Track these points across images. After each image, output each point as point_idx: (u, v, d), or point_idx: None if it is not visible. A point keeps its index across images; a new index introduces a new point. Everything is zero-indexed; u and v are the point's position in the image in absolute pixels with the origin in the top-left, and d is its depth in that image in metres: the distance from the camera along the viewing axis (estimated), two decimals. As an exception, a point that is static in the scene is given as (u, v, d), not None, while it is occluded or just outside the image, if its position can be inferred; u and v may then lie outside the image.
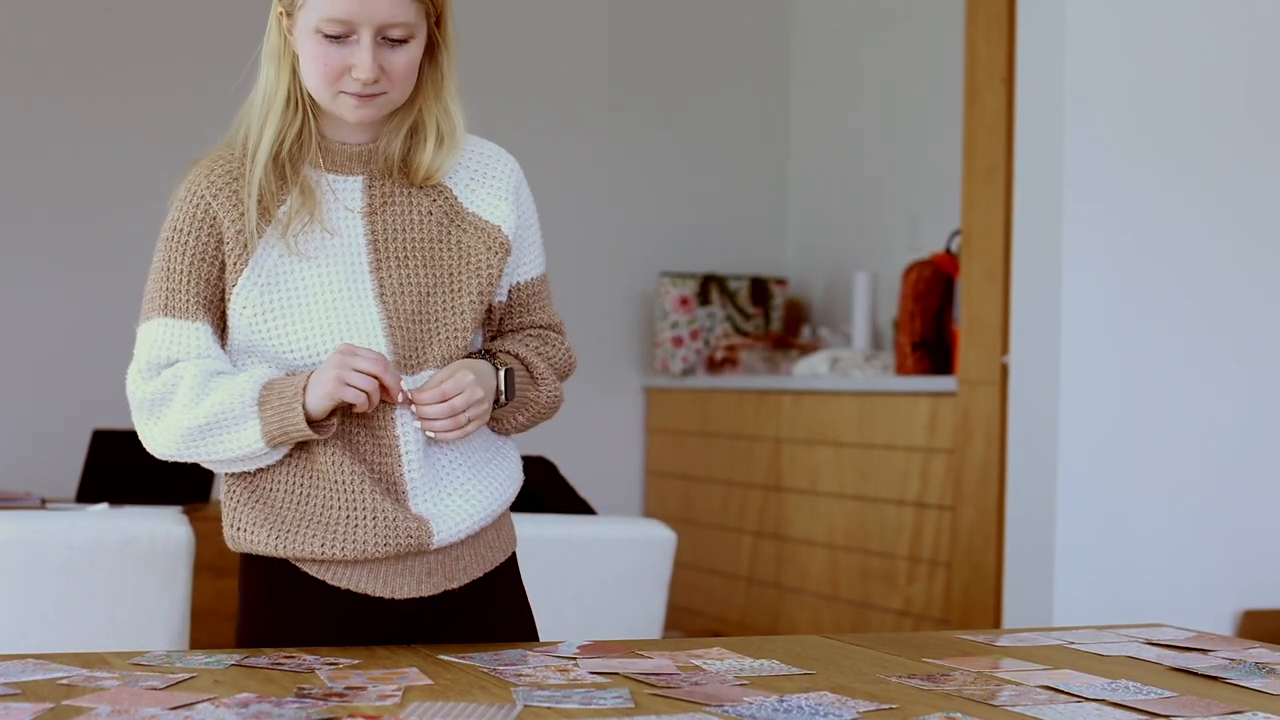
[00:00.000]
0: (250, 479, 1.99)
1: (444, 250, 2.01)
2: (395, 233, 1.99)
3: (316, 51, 1.92)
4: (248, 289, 1.96)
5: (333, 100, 1.95)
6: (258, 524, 1.98)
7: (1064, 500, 3.57)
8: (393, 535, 1.94)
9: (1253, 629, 3.64)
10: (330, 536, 1.94)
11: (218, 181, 1.98)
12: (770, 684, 1.73)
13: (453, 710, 1.55)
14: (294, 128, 1.98)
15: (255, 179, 1.96)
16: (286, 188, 1.97)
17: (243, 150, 1.99)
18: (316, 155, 1.99)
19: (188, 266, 1.98)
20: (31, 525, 2.80)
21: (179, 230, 1.99)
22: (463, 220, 2.02)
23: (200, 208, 1.98)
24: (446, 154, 2.01)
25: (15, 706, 1.52)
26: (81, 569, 2.79)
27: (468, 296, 2.00)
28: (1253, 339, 3.72)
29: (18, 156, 5.23)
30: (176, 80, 5.35)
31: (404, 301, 1.98)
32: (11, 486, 4.69)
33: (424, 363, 1.98)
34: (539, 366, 2.07)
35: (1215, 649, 2.05)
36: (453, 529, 1.99)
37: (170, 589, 2.85)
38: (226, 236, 1.96)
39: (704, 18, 6.03)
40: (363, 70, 1.90)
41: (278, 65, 1.98)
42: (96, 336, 5.27)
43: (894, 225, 5.47)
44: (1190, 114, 3.65)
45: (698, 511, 5.43)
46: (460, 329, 2.00)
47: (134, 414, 1.98)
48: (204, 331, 1.96)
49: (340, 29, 1.90)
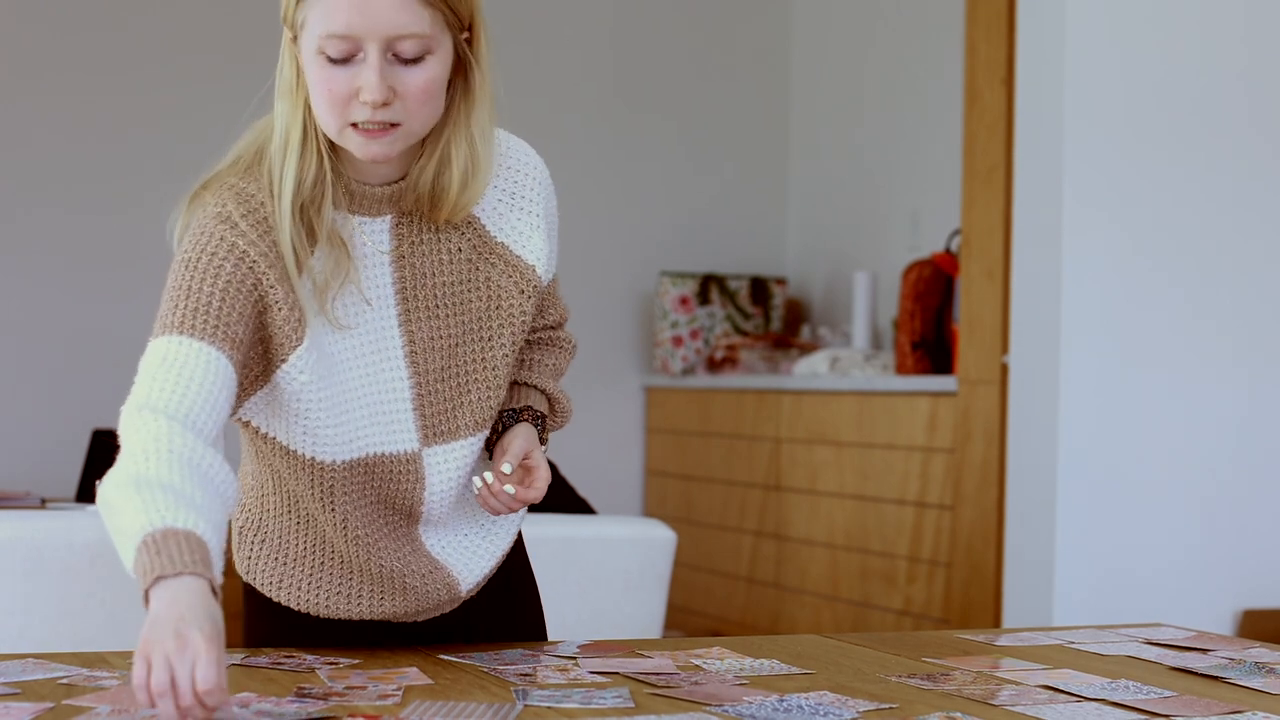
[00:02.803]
0: (258, 530, 1.90)
1: (472, 293, 1.82)
2: (424, 278, 1.80)
3: (319, 76, 1.68)
4: (305, 357, 1.73)
5: (340, 134, 1.70)
6: (273, 582, 1.89)
7: (1064, 500, 3.57)
8: (420, 601, 1.89)
9: (1253, 629, 3.64)
10: (354, 606, 1.88)
11: (255, 229, 1.71)
12: (770, 684, 1.73)
13: (453, 710, 1.55)
14: (311, 170, 1.73)
15: (286, 232, 1.71)
16: (315, 239, 1.74)
17: (269, 191, 1.74)
18: (340, 198, 1.77)
19: (220, 291, 1.68)
20: (31, 525, 2.80)
21: (211, 255, 1.70)
22: (492, 254, 1.84)
23: (236, 250, 1.71)
24: (475, 190, 1.79)
25: (15, 706, 1.52)
26: (81, 569, 2.79)
27: (500, 349, 1.83)
28: (1252, 338, 3.72)
29: (17, 156, 5.23)
30: (178, 80, 5.35)
31: (433, 358, 1.81)
32: (11, 486, 4.69)
33: (456, 431, 1.83)
34: (560, 399, 1.94)
35: (1215, 648, 2.05)
36: (477, 573, 1.93)
37: (170, 589, 2.85)
38: (274, 297, 1.71)
39: (704, 17, 6.03)
40: (369, 91, 1.65)
41: (292, 101, 1.74)
42: (96, 337, 5.27)
43: (894, 225, 5.47)
44: (1190, 114, 3.65)
45: (698, 511, 5.43)
46: (492, 387, 1.84)
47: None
48: (221, 364, 1.67)
49: (343, 47, 1.66)
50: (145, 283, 5.51)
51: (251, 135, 1.80)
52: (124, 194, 5.32)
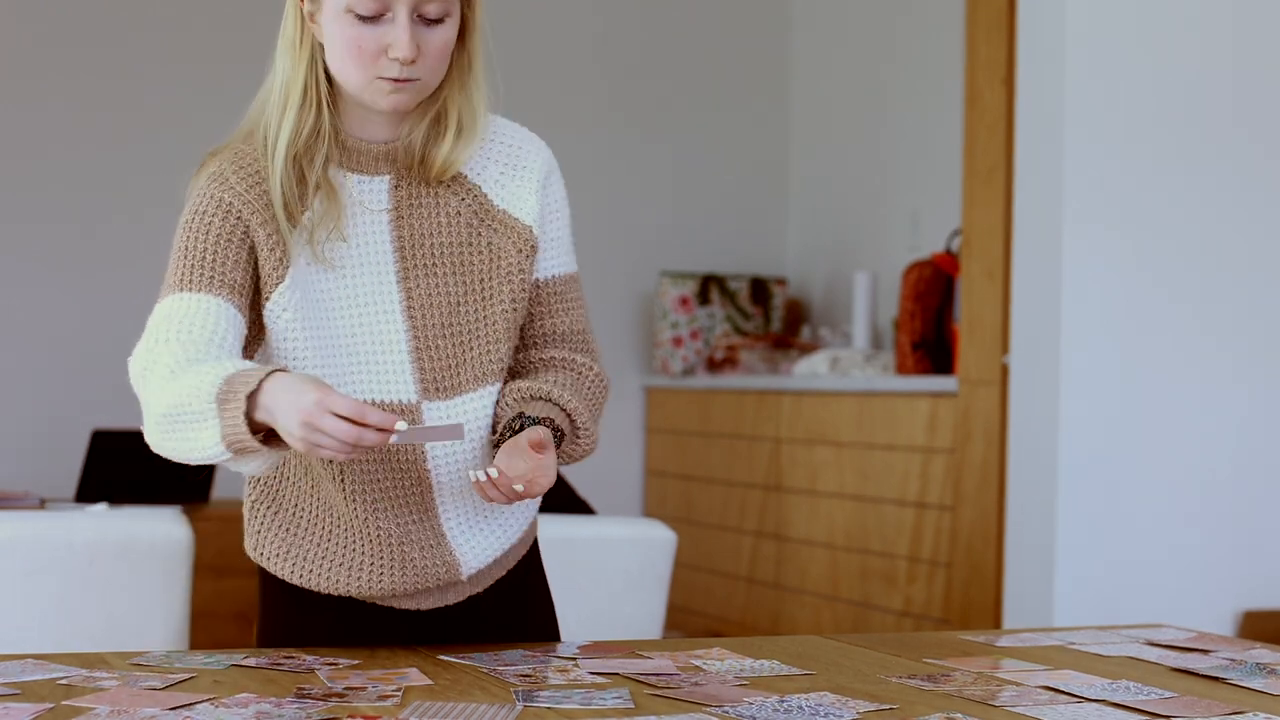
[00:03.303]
0: (272, 501, 1.93)
1: (473, 254, 1.90)
2: (422, 238, 1.88)
3: (350, 33, 1.79)
4: (289, 294, 1.82)
5: (366, 87, 1.82)
6: (281, 554, 1.93)
7: (1064, 500, 3.57)
8: (423, 577, 1.91)
9: (1253, 629, 3.64)
10: (355, 579, 1.90)
11: (244, 181, 1.83)
12: (770, 684, 1.73)
13: (453, 710, 1.55)
14: (308, 123, 1.84)
15: (277, 179, 1.82)
16: (307, 189, 1.84)
17: (263, 146, 1.85)
18: (335, 153, 1.86)
19: (211, 245, 1.80)
20: (31, 525, 2.80)
21: (202, 213, 1.82)
22: (492, 219, 1.92)
23: (228, 197, 1.83)
24: (464, 145, 1.88)
25: (15, 706, 1.52)
26: (81, 569, 2.79)
27: (500, 305, 1.90)
28: (1253, 338, 3.72)
29: (17, 158, 5.23)
30: (178, 83, 5.35)
31: (432, 315, 1.88)
32: (11, 486, 4.69)
33: (458, 386, 1.89)
34: (582, 416, 1.91)
35: (1216, 649, 2.05)
36: (480, 558, 1.95)
37: (170, 589, 2.85)
38: (259, 239, 1.82)
39: (705, 18, 6.03)
40: (400, 49, 1.78)
41: (294, 56, 1.85)
42: (96, 337, 5.27)
43: (894, 225, 5.47)
44: (1191, 113, 3.65)
45: (698, 511, 5.43)
46: (493, 342, 1.90)
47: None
48: (221, 307, 1.78)
49: (374, 7, 1.78)
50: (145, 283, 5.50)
51: (255, 105, 1.91)
52: (124, 195, 5.32)
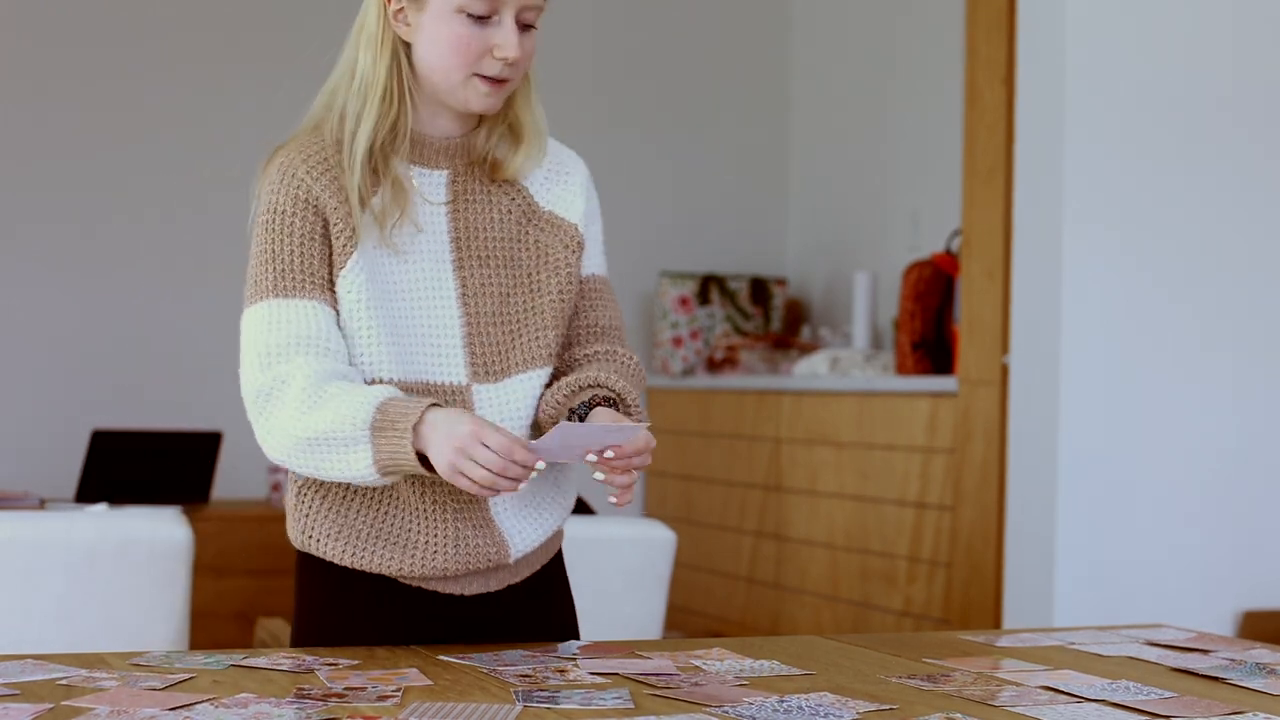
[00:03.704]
0: (322, 489, 1.97)
1: (522, 250, 2.01)
2: (476, 231, 1.99)
3: (459, 32, 1.89)
4: (355, 275, 1.90)
5: (463, 84, 1.92)
6: (331, 536, 1.96)
7: (1064, 500, 3.57)
8: (472, 557, 1.96)
9: (1253, 629, 3.64)
10: (407, 557, 1.94)
11: (317, 168, 1.91)
12: (770, 684, 1.73)
13: (452, 710, 1.55)
14: (389, 119, 1.93)
15: (356, 169, 1.90)
16: (378, 180, 1.93)
17: (335, 138, 1.93)
18: (405, 147, 1.95)
19: (297, 246, 1.89)
20: (31, 525, 2.80)
21: (281, 212, 1.90)
22: (539, 219, 2.02)
23: (301, 191, 1.91)
24: (536, 154, 2.01)
25: (14, 707, 1.52)
26: (81, 569, 2.79)
27: (548, 296, 2.00)
28: (1253, 337, 3.72)
29: (18, 158, 5.23)
30: (178, 83, 5.35)
31: (484, 303, 1.98)
32: (11, 486, 4.69)
33: (507, 370, 1.98)
34: (632, 395, 2.01)
35: (1216, 649, 2.05)
36: (527, 542, 2.01)
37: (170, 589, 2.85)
38: (332, 221, 1.90)
39: (705, 17, 6.03)
40: (509, 49, 1.89)
41: (376, 52, 1.94)
42: (96, 337, 5.27)
43: (894, 225, 5.47)
44: (1191, 114, 3.65)
45: (698, 511, 5.43)
46: (541, 329, 1.99)
47: (248, 410, 1.89)
48: (320, 310, 1.89)
49: (486, 7, 1.88)
50: (145, 283, 5.53)
51: (319, 99, 1.98)
52: (124, 195, 5.32)
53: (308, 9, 5.36)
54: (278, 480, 4.50)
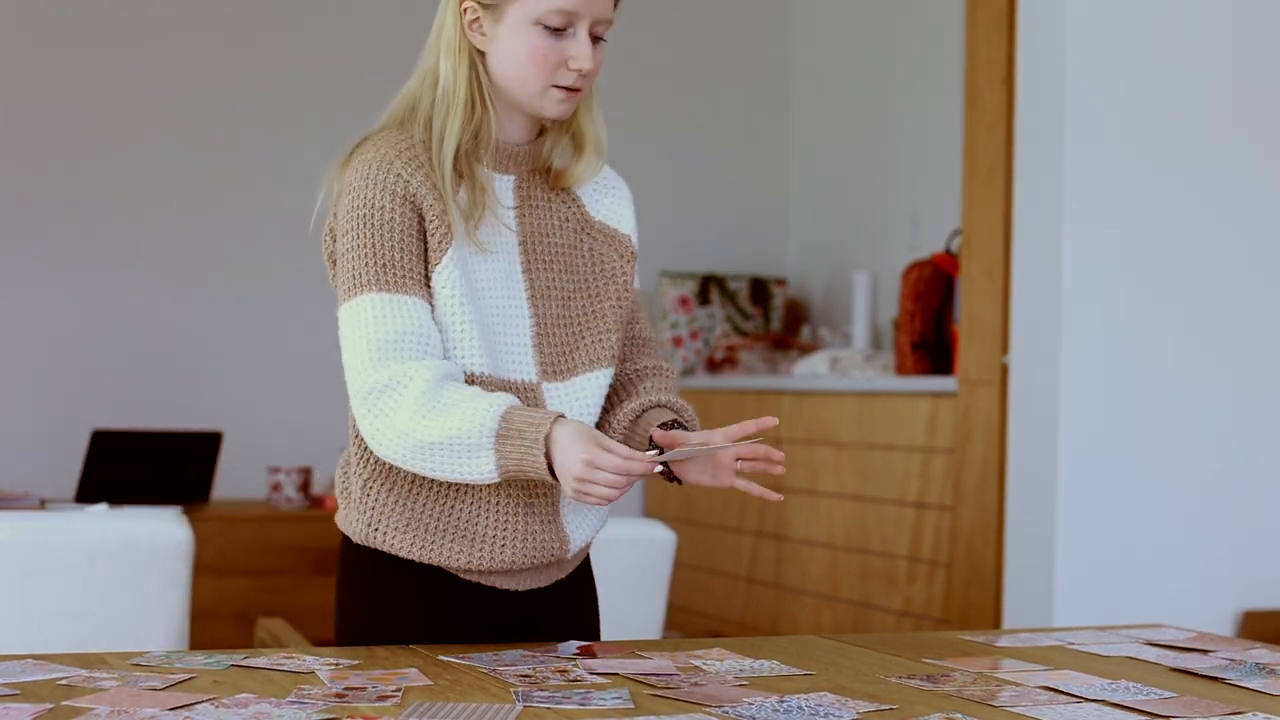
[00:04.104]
0: (389, 481, 1.99)
1: (579, 257, 2.09)
2: (540, 235, 2.06)
3: (536, 44, 1.95)
4: (449, 270, 1.95)
5: (539, 94, 1.98)
6: (398, 529, 1.99)
7: (1064, 500, 3.57)
8: (538, 552, 2.01)
9: (1253, 629, 3.64)
10: (474, 550, 1.98)
11: (411, 164, 1.95)
12: (770, 684, 1.73)
13: (452, 710, 1.55)
14: (472, 125, 1.99)
15: (446, 170, 1.95)
16: (461, 182, 1.98)
17: (422, 139, 1.97)
18: (489, 153, 2.01)
19: (398, 241, 1.93)
20: (31, 525, 2.80)
21: (379, 207, 1.94)
22: (592, 229, 2.11)
23: (399, 186, 1.94)
24: (595, 163, 2.09)
25: (15, 707, 1.52)
26: (81, 569, 2.79)
27: (607, 301, 2.09)
28: (1253, 337, 3.72)
29: (18, 158, 5.23)
30: (178, 83, 5.35)
31: (550, 305, 2.04)
32: (11, 486, 4.69)
33: (573, 369, 2.04)
34: (687, 412, 2.17)
35: (1215, 649, 2.05)
36: (583, 538, 2.08)
37: (170, 589, 2.86)
38: (428, 217, 1.95)
39: (704, 18, 6.03)
40: (584, 61, 1.95)
41: (455, 60, 1.98)
42: (96, 337, 5.27)
43: (894, 225, 5.47)
44: (1191, 114, 3.65)
45: (698, 511, 5.43)
46: (604, 331, 2.08)
47: (354, 403, 1.92)
48: (422, 307, 1.93)
49: (563, 20, 1.94)
50: (145, 283, 5.52)
51: (399, 102, 2.02)
52: (124, 195, 5.32)
53: (308, 9, 5.36)
54: (278, 480, 4.50)
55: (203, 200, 5.35)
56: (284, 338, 5.38)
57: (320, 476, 4.75)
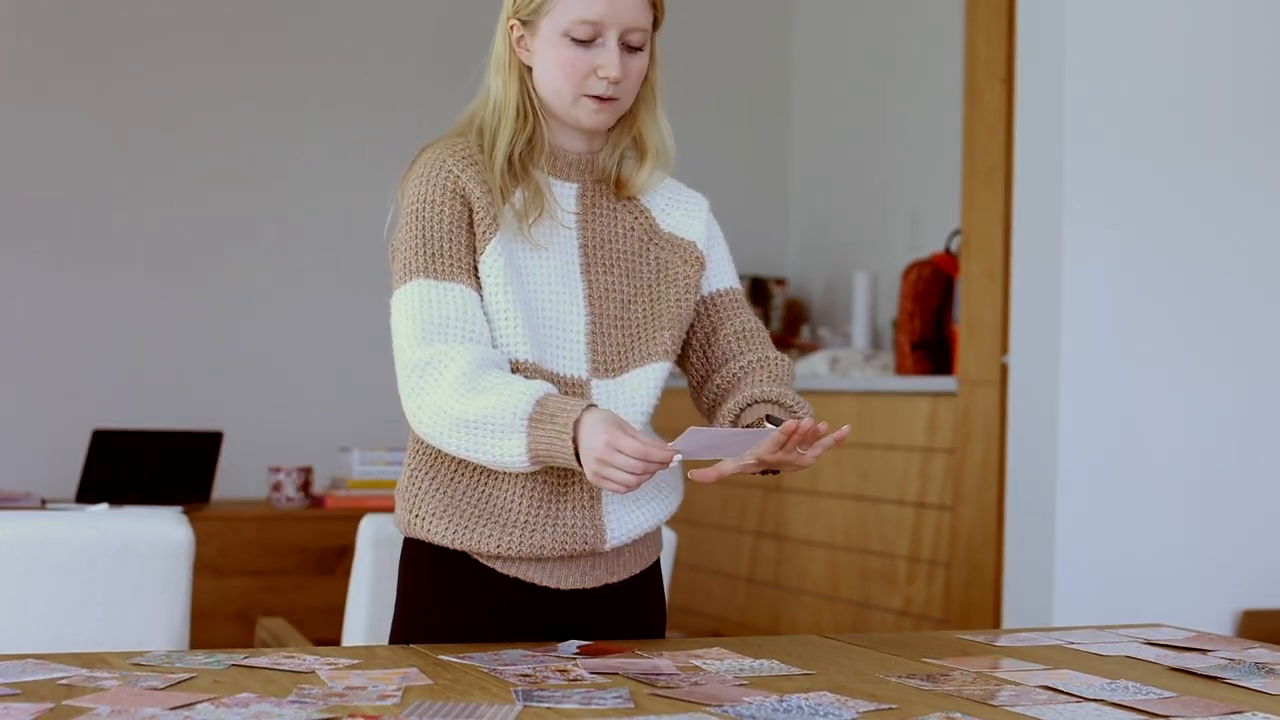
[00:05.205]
0: (433, 470, 2.05)
1: (644, 264, 2.12)
2: (602, 241, 2.10)
3: (565, 55, 2.01)
4: (494, 258, 2.01)
5: (573, 104, 2.03)
6: (436, 514, 2.04)
7: (1064, 500, 3.57)
8: (570, 540, 2.03)
9: (1252, 629, 3.65)
10: (508, 536, 2.01)
11: (463, 161, 2.03)
12: (770, 684, 1.73)
13: (453, 710, 1.55)
14: (524, 134, 2.05)
15: (497, 168, 2.03)
16: (517, 182, 2.05)
17: (478, 143, 2.05)
18: (544, 160, 2.07)
19: (446, 232, 2.01)
20: (31, 525, 2.80)
21: (430, 202, 2.02)
22: (660, 239, 2.14)
23: (450, 180, 2.02)
24: (661, 169, 2.13)
25: (15, 706, 1.53)
26: (81, 569, 2.79)
27: (666, 303, 2.11)
28: (1254, 338, 3.72)
29: (18, 158, 5.23)
30: (178, 84, 5.35)
31: (608, 307, 2.08)
32: (11, 486, 4.70)
33: (624, 367, 2.09)
34: (786, 397, 2.18)
35: (1214, 649, 2.05)
36: (625, 533, 2.08)
37: (170, 589, 2.85)
38: (476, 209, 2.01)
39: (704, 18, 6.03)
40: (610, 69, 1.99)
41: (505, 76, 2.06)
42: (96, 337, 5.27)
43: (894, 225, 5.47)
44: (1192, 113, 3.65)
45: (698, 511, 5.43)
46: (659, 328, 2.10)
47: (401, 382, 1.98)
48: (469, 295, 1.99)
49: (590, 31, 1.99)
50: (145, 283, 5.52)
51: (461, 117, 2.11)
52: (124, 195, 5.32)
53: (308, 9, 5.36)
54: (278, 480, 4.50)
55: (203, 200, 5.35)
56: (284, 338, 5.38)
57: (320, 476, 4.75)
